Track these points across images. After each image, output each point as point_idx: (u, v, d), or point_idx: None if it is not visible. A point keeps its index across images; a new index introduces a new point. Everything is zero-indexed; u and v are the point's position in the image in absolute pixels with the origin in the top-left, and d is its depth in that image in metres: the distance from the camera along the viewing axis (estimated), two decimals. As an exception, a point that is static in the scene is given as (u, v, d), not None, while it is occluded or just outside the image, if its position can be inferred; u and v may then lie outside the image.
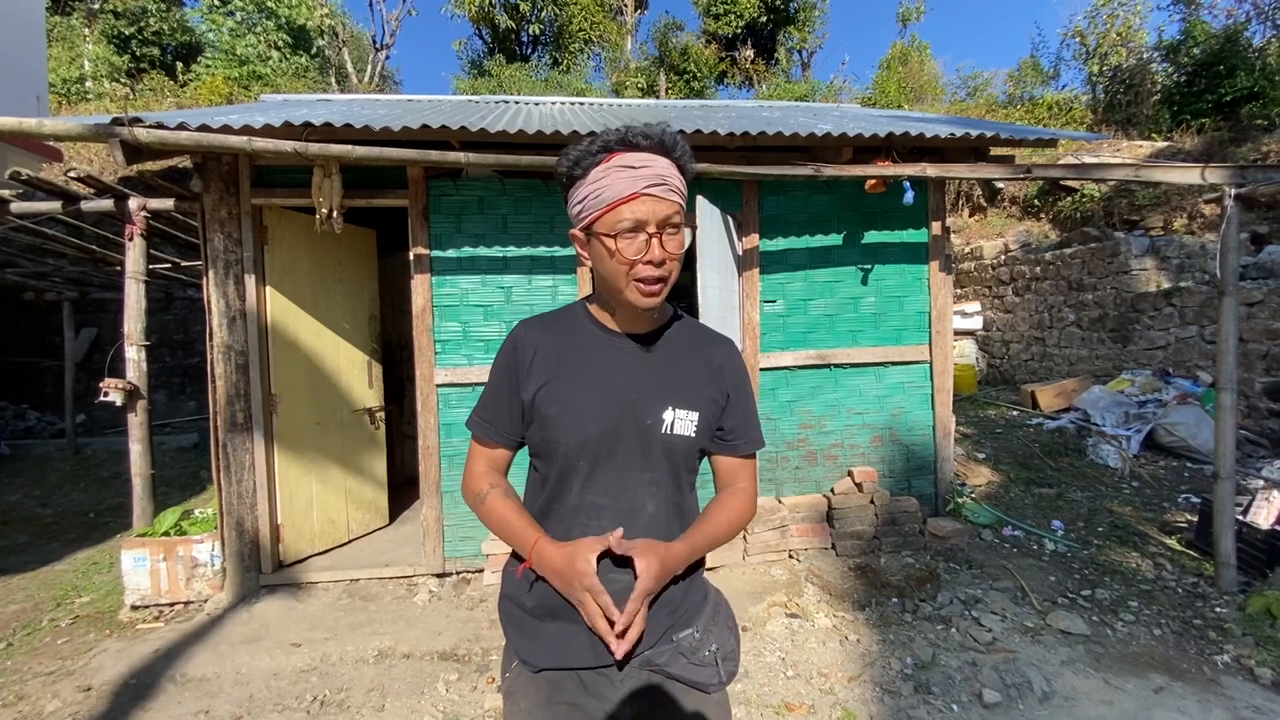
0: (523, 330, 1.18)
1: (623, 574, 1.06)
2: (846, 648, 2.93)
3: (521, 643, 1.13)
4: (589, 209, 1.03)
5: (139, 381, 3.72)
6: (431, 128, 3.31)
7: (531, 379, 1.13)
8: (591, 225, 1.05)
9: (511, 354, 1.16)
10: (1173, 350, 6.48)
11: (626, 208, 1.00)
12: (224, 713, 2.57)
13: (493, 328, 3.83)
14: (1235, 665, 2.70)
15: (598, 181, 1.02)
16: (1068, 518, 4.28)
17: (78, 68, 14.45)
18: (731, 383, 1.20)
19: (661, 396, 1.12)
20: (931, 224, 4.17)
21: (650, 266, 1.02)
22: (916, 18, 18.72)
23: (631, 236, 1.01)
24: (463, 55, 19.67)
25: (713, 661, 1.12)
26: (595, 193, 1.02)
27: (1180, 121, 11.60)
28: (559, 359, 1.14)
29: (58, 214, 4.03)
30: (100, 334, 8.69)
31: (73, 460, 7.19)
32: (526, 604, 1.13)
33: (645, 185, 1.00)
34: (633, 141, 1.02)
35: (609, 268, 1.05)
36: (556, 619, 1.09)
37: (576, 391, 1.11)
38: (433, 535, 3.77)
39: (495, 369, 1.19)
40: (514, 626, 1.15)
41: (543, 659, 1.10)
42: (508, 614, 1.17)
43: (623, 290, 1.05)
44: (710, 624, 1.16)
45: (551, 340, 1.16)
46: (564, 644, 1.09)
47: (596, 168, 1.02)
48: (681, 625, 1.13)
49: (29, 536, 4.79)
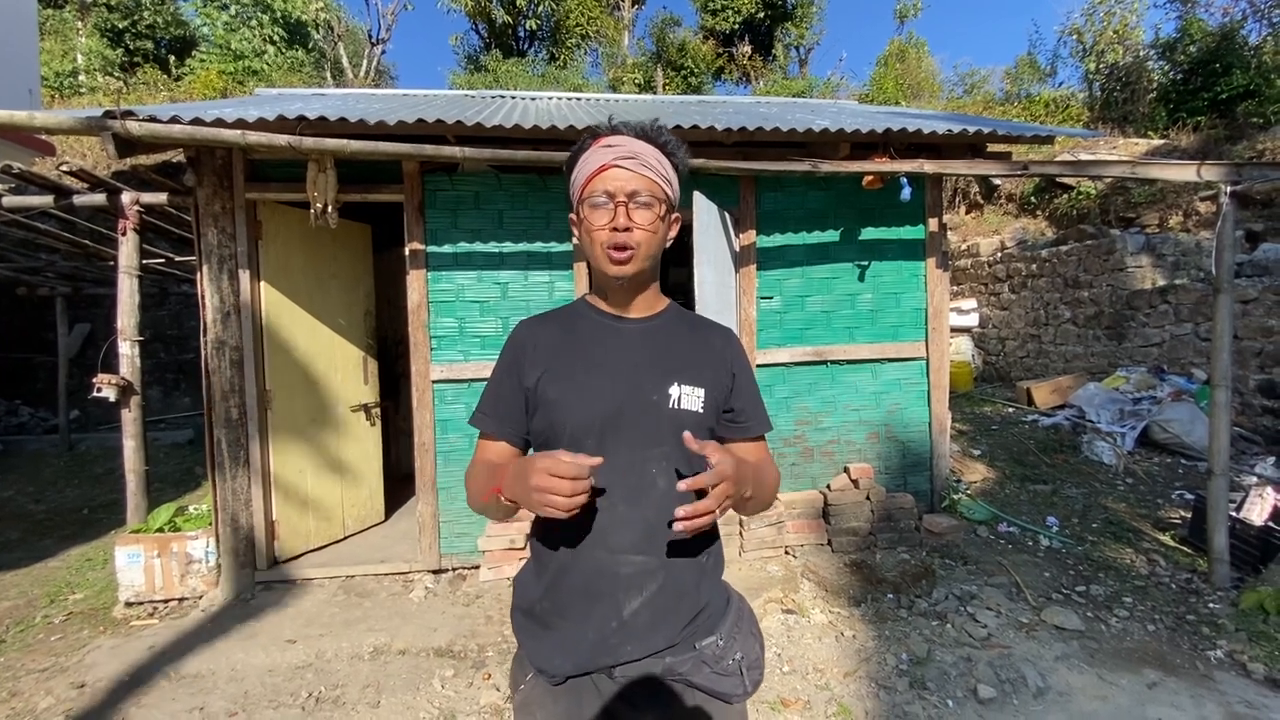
0: (521, 327, 1.21)
1: (642, 557, 1.05)
2: (842, 643, 2.94)
3: (538, 651, 1.09)
4: (575, 188, 1.11)
5: (133, 377, 3.69)
6: (427, 122, 3.29)
7: (533, 368, 1.14)
8: (577, 205, 1.12)
9: (511, 349, 1.18)
10: (1168, 347, 6.50)
11: (598, 179, 1.07)
12: (219, 709, 2.56)
13: (489, 323, 3.82)
14: (1228, 660, 2.71)
15: (584, 161, 1.10)
16: (1063, 514, 4.29)
17: (70, 61, 14.32)
18: (736, 364, 1.20)
19: (666, 373, 1.11)
20: (928, 221, 4.16)
21: (615, 233, 1.06)
22: (914, 14, 18.71)
23: (600, 206, 1.07)
24: (459, 50, 19.59)
25: (737, 671, 1.10)
26: (580, 172, 1.10)
27: (1176, 119, 11.62)
28: (559, 346, 1.15)
29: (50, 208, 4.00)
30: (94, 329, 8.64)
31: (66, 456, 7.15)
32: (536, 608, 1.11)
33: (614, 158, 1.06)
34: (616, 127, 1.10)
35: (586, 241, 1.11)
36: (565, 618, 1.07)
37: (578, 372, 1.11)
38: (428, 531, 3.76)
39: (497, 367, 1.19)
40: (527, 636, 1.12)
41: (559, 665, 1.06)
42: (520, 625, 1.15)
43: (599, 261, 1.10)
44: (734, 631, 1.13)
45: (550, 331, 1.18)
46: (576, 643, 1.06)
47: (585, 151, 1.10)
48: (704, 632, 1.10)
49: (22, 533, 4.76)
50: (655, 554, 1.06)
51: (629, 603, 1.04)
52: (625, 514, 1.05)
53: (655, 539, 1.06)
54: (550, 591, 1.09)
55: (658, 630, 1.05)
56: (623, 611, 1.04)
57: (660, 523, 1.03)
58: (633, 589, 1.04)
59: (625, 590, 1.05)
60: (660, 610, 1.06)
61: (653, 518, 1.05)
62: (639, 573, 1.03)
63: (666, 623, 1.06)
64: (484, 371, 3.76)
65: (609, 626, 1.04)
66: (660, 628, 1.05)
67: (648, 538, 1.06)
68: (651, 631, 1.05)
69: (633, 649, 1.04)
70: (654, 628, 1.05)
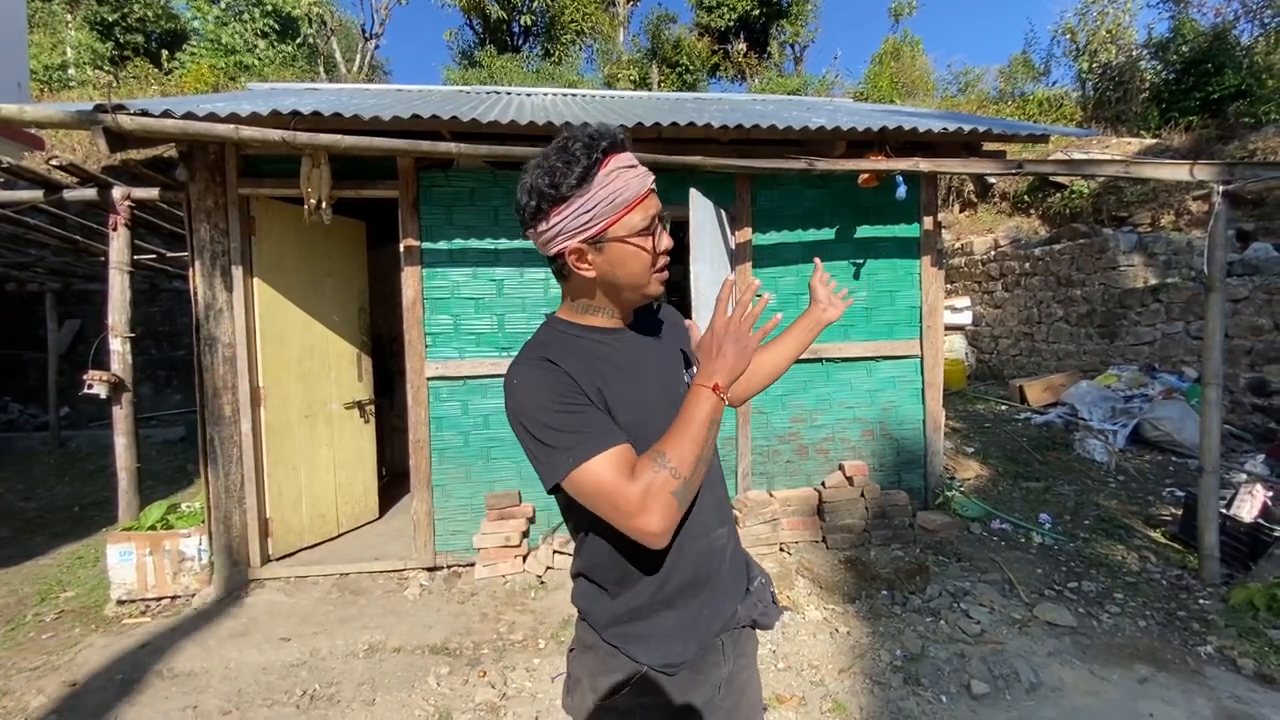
0: (537, 363, 1.04)
1: (723, 529, 1.17)
2: (837, 640, 2.95)
3: (658, 648, 1.08)
4: (602, 214, 0.99)
5: (124, 374, 3.66)
6: (422, 118, 3.27)
7: (590, 392, 1.02)
8: (606, 231, 1.00)
9: (553, 377, 1.02)
10: (1159, 346, 6.55)
11: (642, 206, 1.03)
12: (212, 708, 2.55)
13: (484, 321, 3.80)
14: (1219, 656, 2.74)
15: (608, 186, 0.98)
16: (1055, 511, 4.32)
17: (60, 54, 14.17)
18: (690, 336, 1.29)
19: (675, 364, 1.20)
20: (923, 219, 4.18)
21: (665, 256, 1.09)
22: (909, 13, 18.73)
23: (654, 232, 1.05)
24: (453, 46, 19.51)
25: (772, 600, 1.27)
26: (609, 197, 0.98)
27: (1169, 119, 11.69)
28: (593, 370, 1.05)
29: (40, 203, 3.95)
30: (84, 326, 8.57)
31: (57, 454, 7.10)
32: (642, 614, 1.09)
33: (651, 181, 1.05)
34: (621, 143, 1.01)
35: (634, 268, 1.05)
36: (675, 608, 1.10)
37: (631, 391, 1.08)
38: (423, 529, 3.75)
39: (550, 400, 0.99)
40: (639, 644, 1.08)
41: (683, 651, 1.09)
42: (625, 637, 1.09)
43: (646, 285, 1.09)
44: (759, 569, 1.30)
45: (570, 360, 1.05)
46: (693, 624, 1.11)
47: (599, 174, 0.98)
48: (749, 575, 1.25)
49: (12, 530, 4.73)
50: (727, 523, 1.20)
51: (722, 568, 1.17)
52: (706, 500, 1.13)
53: (724, 511, 1.20)
54: (656, 595, 1.09)
55: (738, 582, 1.21)
56: (723, 578, 1.16)
57: (723, 494, 1.22)
58: (723, 557, 1.17)
59: (719, 560, 1.16)
60: (736, 565, 1.22)
61: (720, 492, 1.20)
62: (725, 542, 1.17)
63: (739, 573, 1.22)
64: (479, 369, 3.75)
65: (715, 596, 1.14)
66: (738, 579, 1.21)
67: (720, 513, 1.18)
68: (735, 584, 1.20)
69: (728, 605, 1.17)
70: (736, 581, 1.20)
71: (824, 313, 1.40)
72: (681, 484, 0.94)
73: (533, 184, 1.00)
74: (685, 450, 0.95)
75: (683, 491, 0.95)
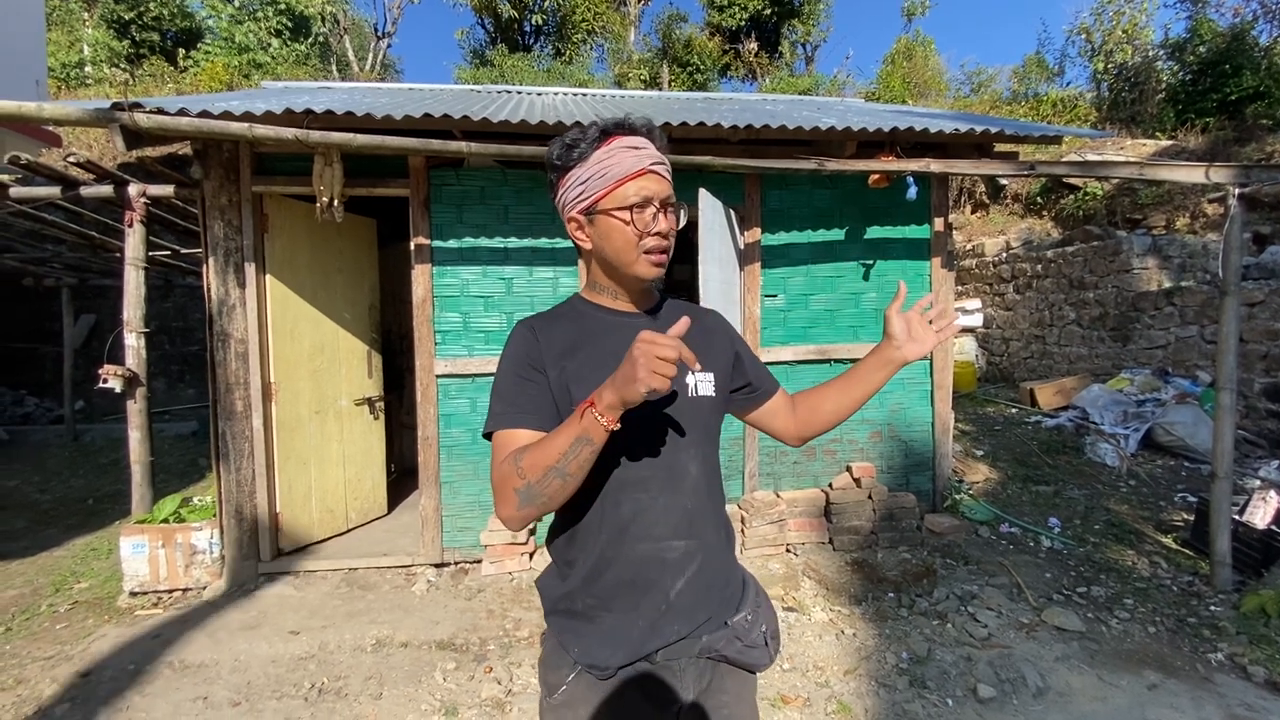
0: (524, 326, 1.14)
1: (683, 542, 1.09)
2: (843, 642, 2.94)
3: (587, 648, 1.08)
4: (593, 188, 1.06)
5: (138, 368, 3.71)
6: (434, 117, 3.29)
7: (551, 365, 1.08)
8: (596, 204, 1.07)
9: (521, 346, 1.10)
10: (1172, 349, 6.48)
11: (635, 183, 1.05)
12: (222, 699, 2.58)
13: (493, 319, 3.82)
14: (1229, 663, 2.71)
15: (603, 161, 1.06)
16: (1065, 515, 4.29)
17: (77, 52, 14.36)
18: (737, 344, 1.28)
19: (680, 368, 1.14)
20: (934, 220, 4.15)
21: (658, 238, 1.07)
22: (921, 12, 18.64)
23: (641, 210, 1.06)
24: (465, 45, 19.60)
25: (763, 642, 1.16)
26: (601, 171, 1.06)
27: (1185, 120, 11.55)
28: (573, 344, 1.11)
29: (57, 199, 4.01)
30: (99, 320, 8.68)
31: (71, 447, 7.19)
32: (578, 605, 1.10)
33: (650, 163, 1.06)
34: (630, 126, 1.08)
35: (618, 243, 1.08)
36: (612, 611, 1.08)
37: (598, 368, 1.05)
38: (431, 525, 3.77)
39: (508, 363, 1.10)
40: (573, 635, 1.10)
41: (611, 657, 1.06)
42: (562, 626, 1.12)
43: (633, 264, 1.09)
44: (757, 604, 1.20)
45: (560, 330, 1.13)
46: (626, 633, 1.07)
47: (598, 150, 1.06)
48: (733, 608, 1.16)
49: (27, 522, 4.80)
50: (695, 537, 1.11)
51: (674, 585, 1.08)
52: (666, 504, 1.09)
53: (694, 524, 1.11)
54: (589, 586, 1.08)
55: (699, 607, 1.10)
56: (670, 594, 1.08)
57: (696, 508, 1.11)
58: (677, 573, 1.08)
59: (671, 575, 1.08)
60: (700, 588, 1.11)
61: (690, 504, 1.10)
62: (682, 556, 1.08)
63: (707, 598, 1.11)
64: (488, 367, 3.76)
65: (658, 610, 1.07)
66: (701, 604, 1.11)
67: (687, 523, 1.10)
68: (694, 609, 1.10)
69: (679, 627, 1.08)
70: (696, 605, 1.10)
71: (897, 350, 1.16)
72: (525, 485, 0.94)
73: (548, 155, 1.12)
74: (538, 457, 0.93)
75: (526, 492, 0.94)
